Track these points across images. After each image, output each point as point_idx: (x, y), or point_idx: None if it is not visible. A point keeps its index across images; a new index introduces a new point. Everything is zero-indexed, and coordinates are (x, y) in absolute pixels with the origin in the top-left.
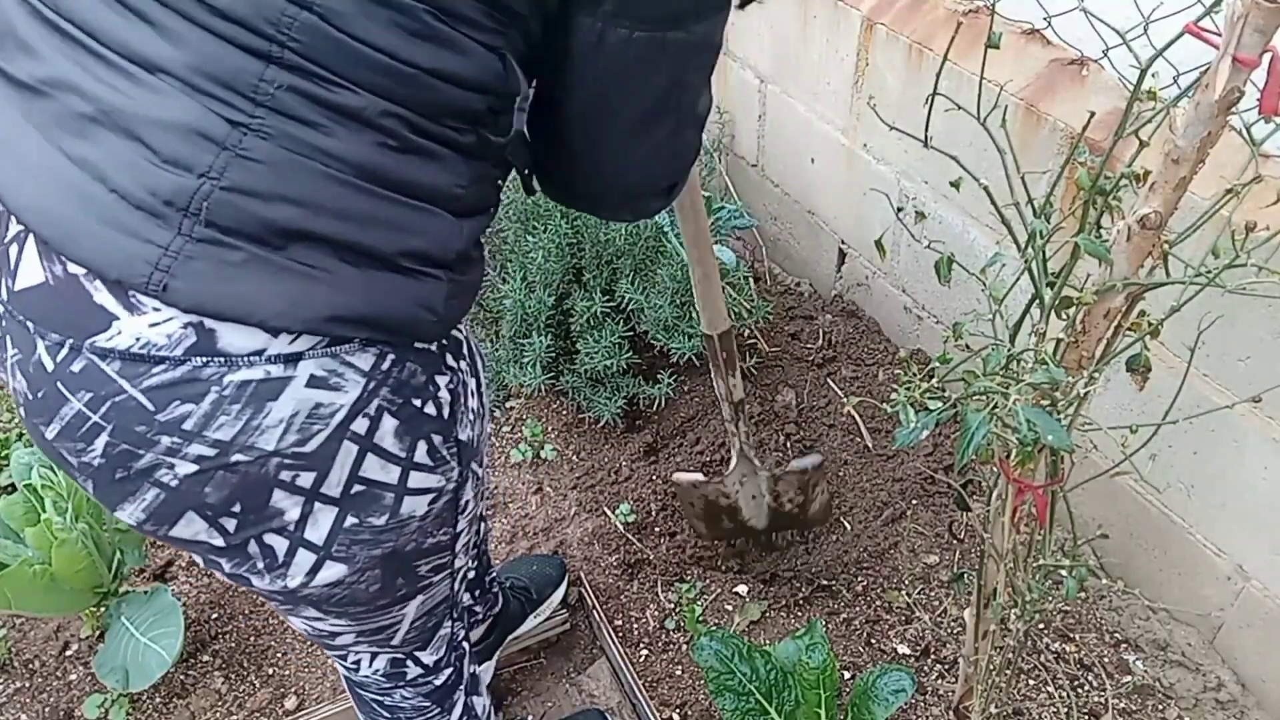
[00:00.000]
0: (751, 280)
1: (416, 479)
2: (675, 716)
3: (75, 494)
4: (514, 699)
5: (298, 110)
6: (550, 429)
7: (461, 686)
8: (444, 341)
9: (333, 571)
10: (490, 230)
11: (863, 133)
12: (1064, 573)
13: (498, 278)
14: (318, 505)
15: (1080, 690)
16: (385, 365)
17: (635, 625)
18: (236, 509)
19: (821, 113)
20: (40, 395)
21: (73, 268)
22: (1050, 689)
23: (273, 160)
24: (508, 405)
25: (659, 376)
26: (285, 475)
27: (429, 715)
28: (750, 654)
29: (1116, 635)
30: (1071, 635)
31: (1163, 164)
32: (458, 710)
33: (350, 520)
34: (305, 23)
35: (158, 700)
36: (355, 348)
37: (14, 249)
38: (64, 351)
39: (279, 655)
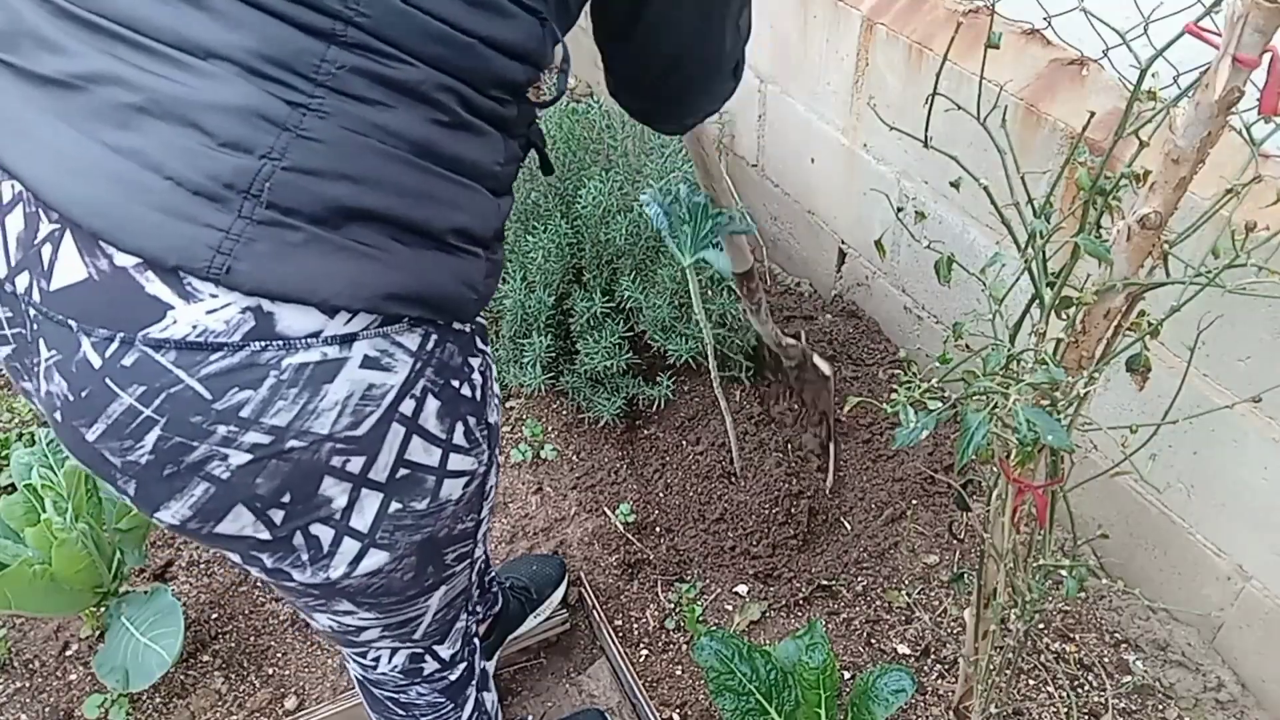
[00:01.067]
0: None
1: (455, 461)
2: (675, 716)
3: (75, 494)
4: (514, 699)
5: (357, 89)
6: (550, 429)
7: (474, 682)
8: (474, 325)
9: (375, 559)
10: None
11: (863, 133)
12: (1064, 573)
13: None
14: (364, 491)
15: (1080, 690)
16: (430, 345)
17: (635, 625)
18: (286, 499)
19: (821, 113)
20: (84, 394)
21: (120, 260)
22: (1050, 689)
23: (333, 139)
24: (508, 405)
25: (659, 378)
26: (336, 460)
27: (443, 711)
28: (750, 654)
29: (1116, 635)
30: (1071, 635)
31: (1163, 164)
32: (470, 705)
33: (394, 505)
34: None
35: (158, 700)
36: (404, 328)
37: (47, 249)
38: (114, 346)
39: (279, 655)
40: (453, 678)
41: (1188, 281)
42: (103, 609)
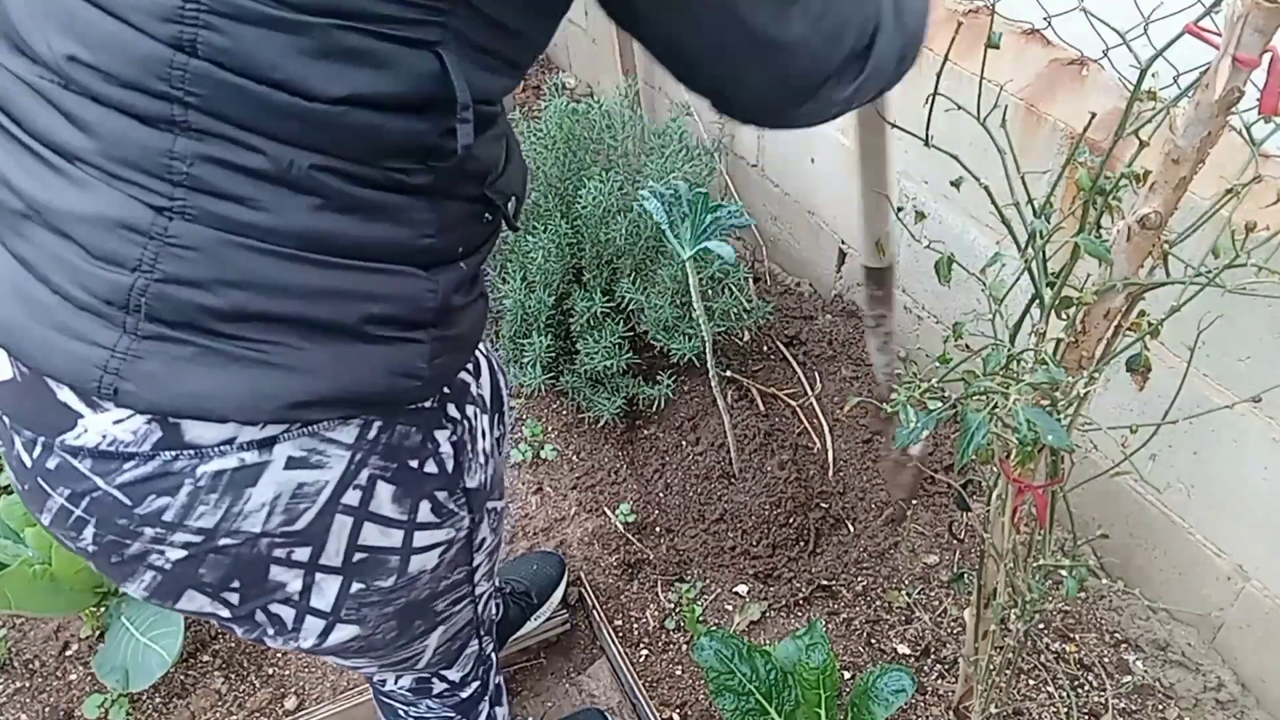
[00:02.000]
0: (751, 280)
1: (422, 538)
2: (675, 716)
3: None
4: (514, 699)
5: (218, 184)
6: (550, 429)
7: (487, 697)
8: (445, 392)
9: (345, 633)
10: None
11: None
12: (1064, 573)
13: (498, 278)
14: (319, 575)
15: (1080, 690)
16: (372, 434)
17: (635, 625)
18: (236, 585)
19: None
20: (26, 488)
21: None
22: (1050, 689)
23: (204, 244)
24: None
25: (659, 377)
26: (279, 552)
27: None
28: (750, 654)
29: (1116, 635)
30: (1071, 635)
31: (1163, 164)
32: None
33: (356, 586)
34: (196, 71)
35: (158, 700)
36: (335, 423)
37: None
38: (38, 449)
39: (279, 655)
40: (464, 695)
41: (1188, 281)
42: (103, 609)
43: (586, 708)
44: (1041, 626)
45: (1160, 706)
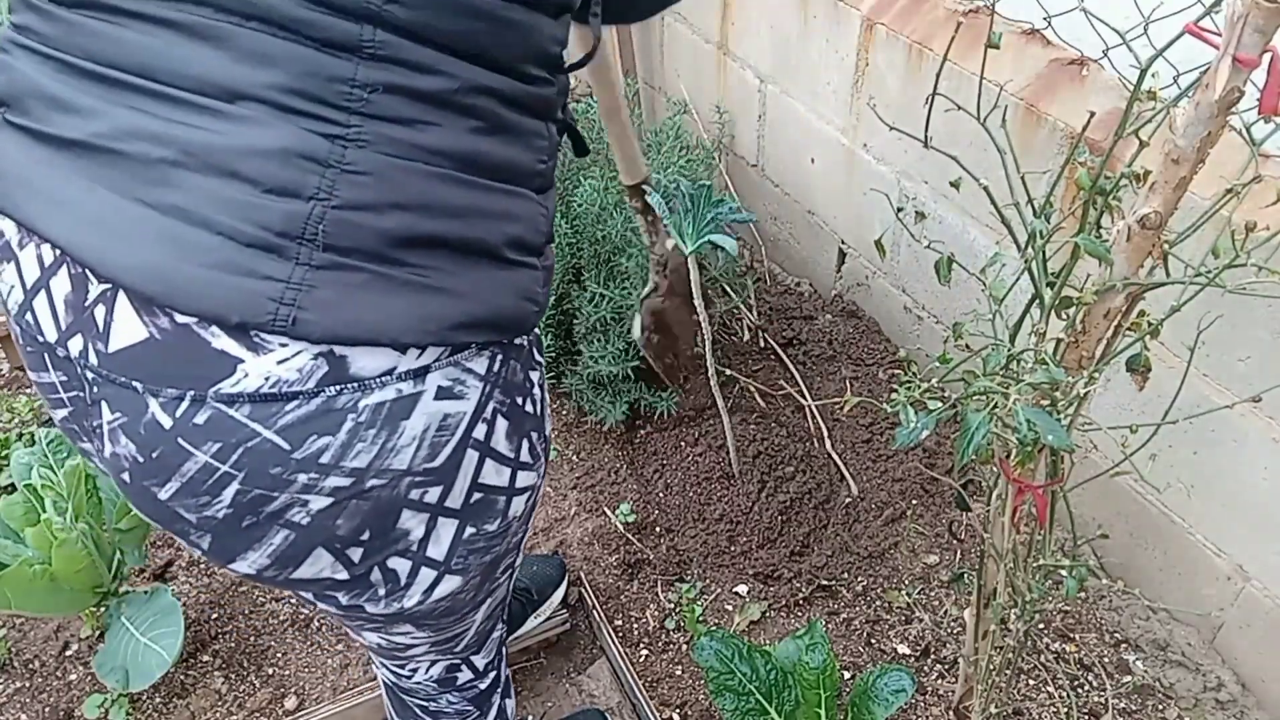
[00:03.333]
0: (750, 280)
1: (522, 478)
2: (675, 716)
3: (75, 494)
4: (514, 699)
5: (393, 110)
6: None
7: (499, 690)
8: (530, 337)
9: (449, 585)
10: None
11: (863, 133)
12: (1064, 573)
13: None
14: (441, 520)
15: (1080, 690)
16: (496, 366)
17: (635, 625)
18: (365, 536)
19: (821, 113)
20: (155, 455)
21: (182, 317)
22: (1050, 689)
23: (378, 169)
24: None
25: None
26: (414, 493)
27: (469, 718)
28: (750, 654)
29: (1116, 635)
30: (1071, 635)
31: (1163, 164)
32: (493, 712)
33: (469, 530)
34: None
35: (158, 700)
36: (473, 353)
37: (100, 310)
38: (184, 405)
39: (279, 655)
40: (483, 686)
41: (1188, 281)
42: (103, 609)
43: (586, 708)
44: (1041, 626)
45: (1160, 706)
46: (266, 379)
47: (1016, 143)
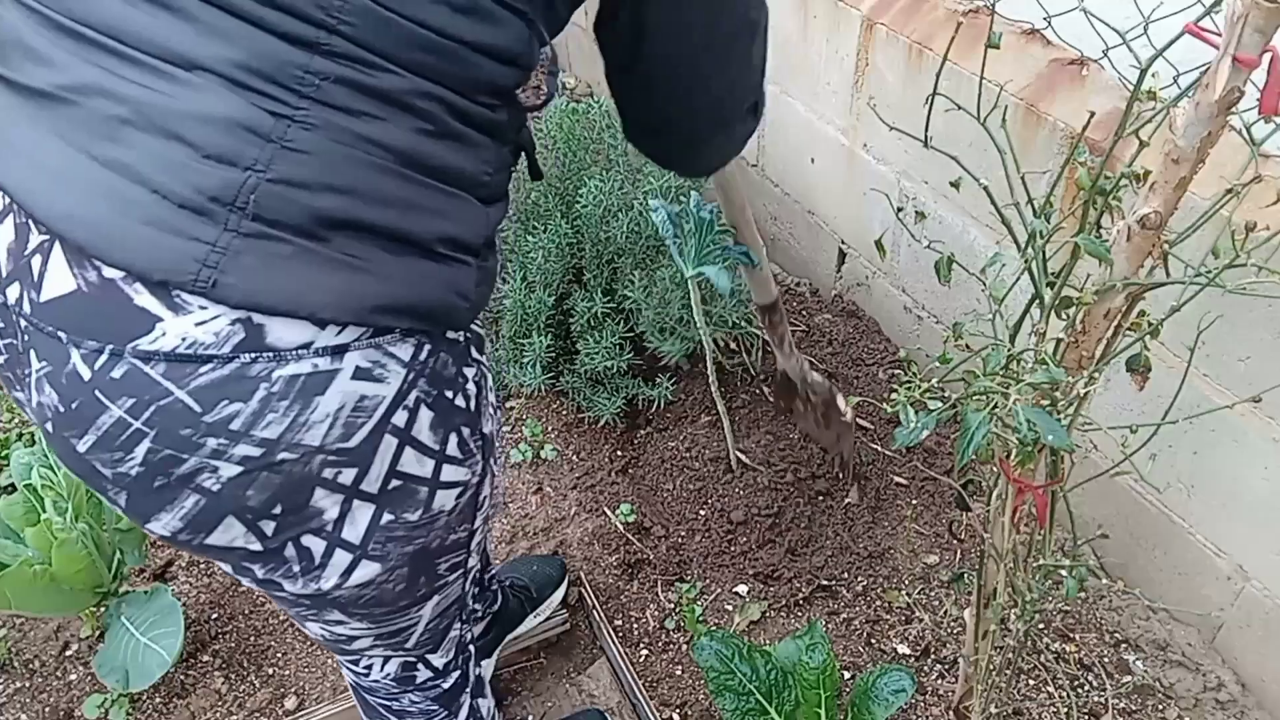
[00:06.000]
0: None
1: (448, 472)
2: (675, 716)
3: (75, 494)
4: (514, 699)
5: (342, 100)
6: (550, 429)
7: (467, 689)
8: (468, 334)
9: (367, 571)
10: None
11: (863, 133)
12: (1064, 573)
13: (498, 278)
14: (356, 503)
15: (1080, 690)
16: (423, 356)
17: (635, 625)
18: (277, 510)
19: (821, 113)
20: (74, 406)
21: (109, 272)
22: (1050, 689)
23: (319, 150)
24: (508, 405)
25: (658, 379)
26: (328, 472)
27: (436, 718)
28: (750, 654)
29: (1116, 635)
30: (1071, 635)
31: (1163, 164)
32: (464, 713)
33: (386, 517)
34: (357, 5)
35: (158, 700)
36: (396, 338)
37: (36, 260)
38: (103, 358)
39: (279, 655)
40: (445, 685)
41: (1188, 281)
42: (103, 609)
43: (586, 708)
44: (1041, 626)
45: (1160, 706)
46: (183, 339)
47: (1016, 143)
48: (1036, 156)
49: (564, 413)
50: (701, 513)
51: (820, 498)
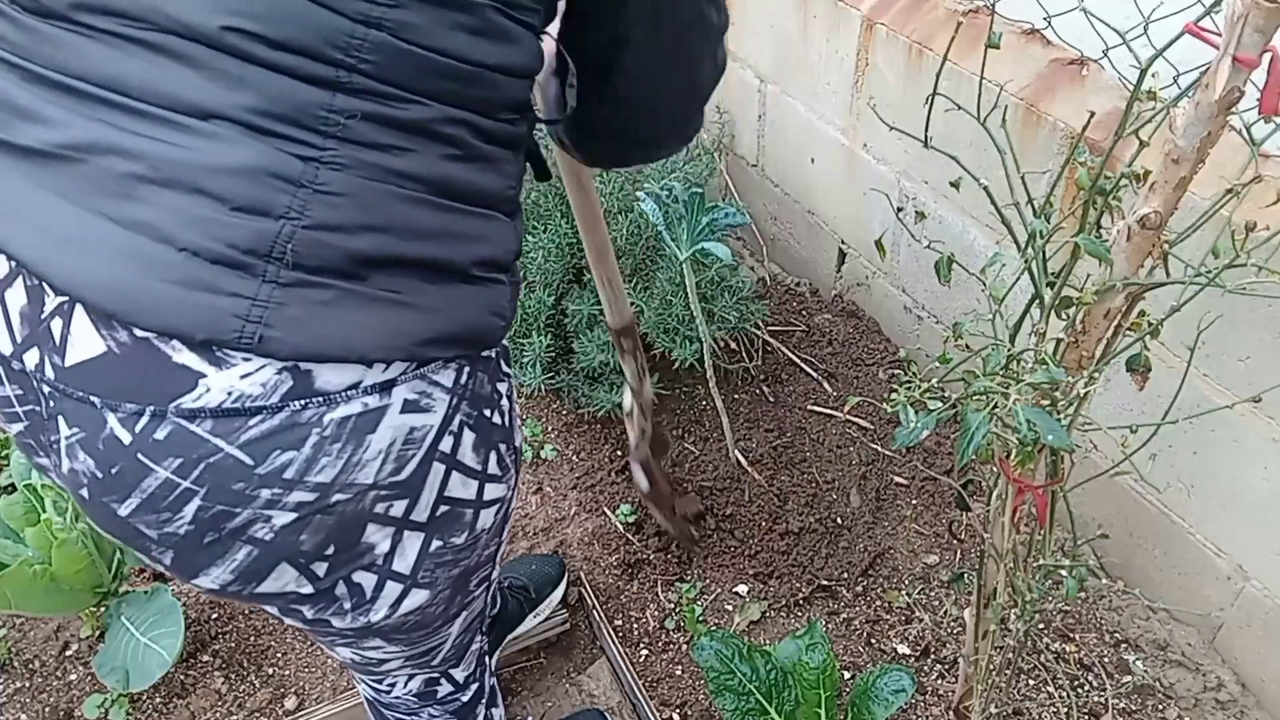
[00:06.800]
0: (749, 281)
1: (489, 491)
2: (675, 716)
3: None
4: (514, 699)
5: (369, 136)
6: (550, 429)
7: (483, 701)
8: (498, 349)
9: (416, 599)
10: None
11: (863, 133)
12: (1064, 573)
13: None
14: (406, 534)
15: (1080, 690)
16: (463, 379)
17: (635, 625)
18: (330, 551)
19: (821, 113)
20: (114, 471)
21: (141, 332)
22: (1050, 689)
23: (352, 190)
24: None
25: (657, 378)
26: (380, 507)
27: None
28: (750, 654)
29: (1116, 635)
30: (1071, 635)
31: (1163, 164)
32: None
33: (435, 544)
34: (376, 41)
35: (158, 700)
36: (439, 366)
37: (57, 324)
38: (144, 420)
39: (279, 655)
40: (464, 699)
41: (1188, 281)
42: (103, 609)
43: (586, 708)
44: (1041, 626)
45: (1160, 706)
46: (229, 394)
47: (1016, 143)
48: (1036, 156)
49: (564, 413)
50: (701, 513)
51: (820, 497)
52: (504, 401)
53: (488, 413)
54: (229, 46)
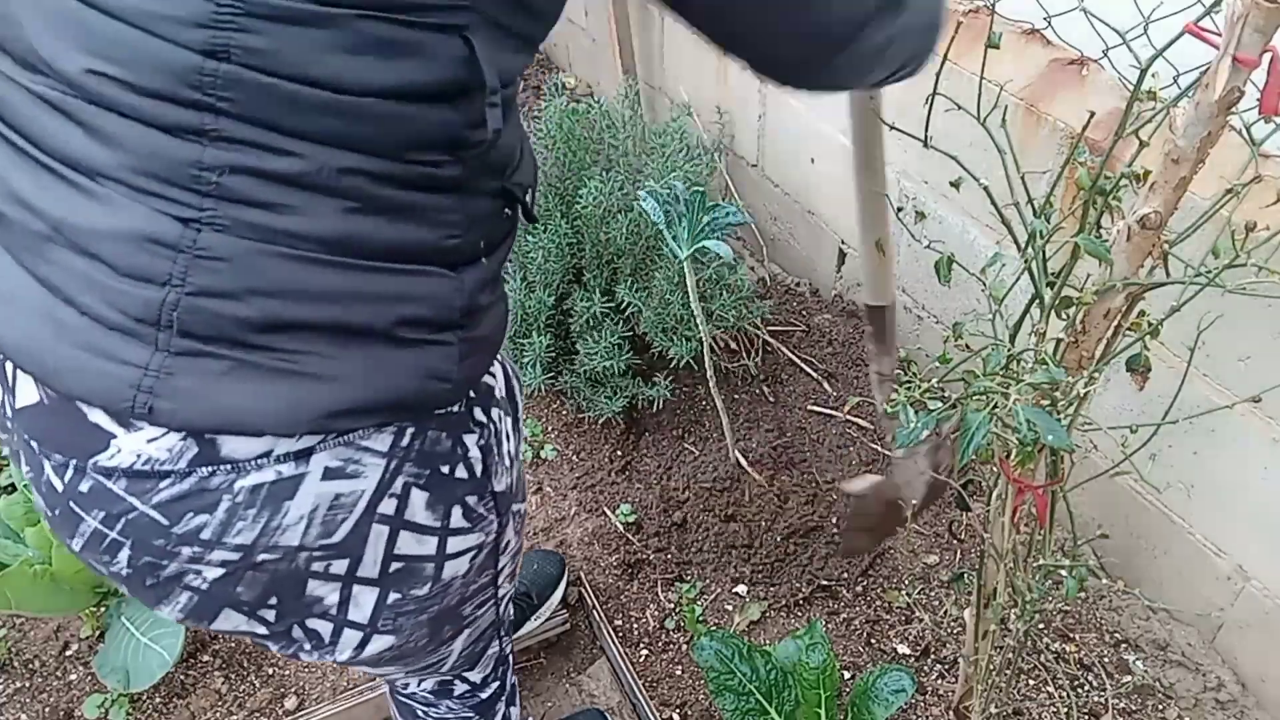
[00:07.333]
0: (750, 280)
1: (455, 543)
2: (675, 716)
3: None
4: None
5: (247, 192)
6: (550, 429)
7: (504, 698)
8: (471, 396)
9: (381, 643)
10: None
11: None
12: (1064, 573)
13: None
14: (357, 588)
15: (1080, 690)
16: (405, 441)
17: (635, 625)
18: (273, 601)
19: (821, 113)
20: (57, 513)
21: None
22: (1050, 689)
23: (234, 254)
24: None
25: (656, 378)
26: (317, 566)
27: None
28: (750, 654)
29: (1116, 635)
30: (1071, 635)
31: (1163, 164)
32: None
33: (393, 596)
34: (227, 76)
35: (158, 700)
36: (370, 431)
37: (9, 366)
38: (70, 472)
39: (279, 656)
40: (484, 695)
41: (1188, 281)
42: (103, 609)
43: (586, 708)
44: (1041, 626)
45: (1160, 706)
46: (138, 456)
47: (1016, 143)
48: (1036, 156)
49: (564, 413)
50: (701, 512)
51: (820, 498)
52: (473, 453)
53: (445, 469)
54: (97, 96)
